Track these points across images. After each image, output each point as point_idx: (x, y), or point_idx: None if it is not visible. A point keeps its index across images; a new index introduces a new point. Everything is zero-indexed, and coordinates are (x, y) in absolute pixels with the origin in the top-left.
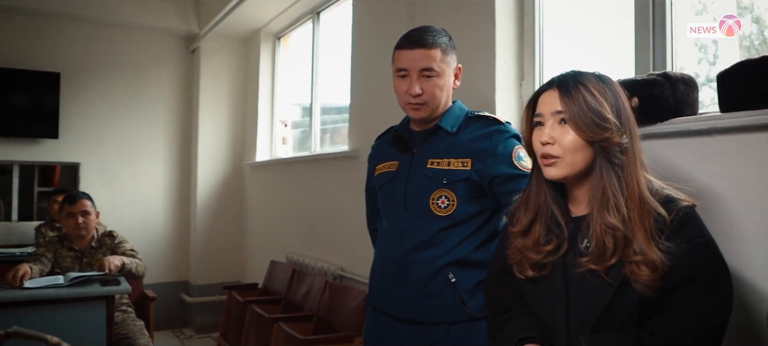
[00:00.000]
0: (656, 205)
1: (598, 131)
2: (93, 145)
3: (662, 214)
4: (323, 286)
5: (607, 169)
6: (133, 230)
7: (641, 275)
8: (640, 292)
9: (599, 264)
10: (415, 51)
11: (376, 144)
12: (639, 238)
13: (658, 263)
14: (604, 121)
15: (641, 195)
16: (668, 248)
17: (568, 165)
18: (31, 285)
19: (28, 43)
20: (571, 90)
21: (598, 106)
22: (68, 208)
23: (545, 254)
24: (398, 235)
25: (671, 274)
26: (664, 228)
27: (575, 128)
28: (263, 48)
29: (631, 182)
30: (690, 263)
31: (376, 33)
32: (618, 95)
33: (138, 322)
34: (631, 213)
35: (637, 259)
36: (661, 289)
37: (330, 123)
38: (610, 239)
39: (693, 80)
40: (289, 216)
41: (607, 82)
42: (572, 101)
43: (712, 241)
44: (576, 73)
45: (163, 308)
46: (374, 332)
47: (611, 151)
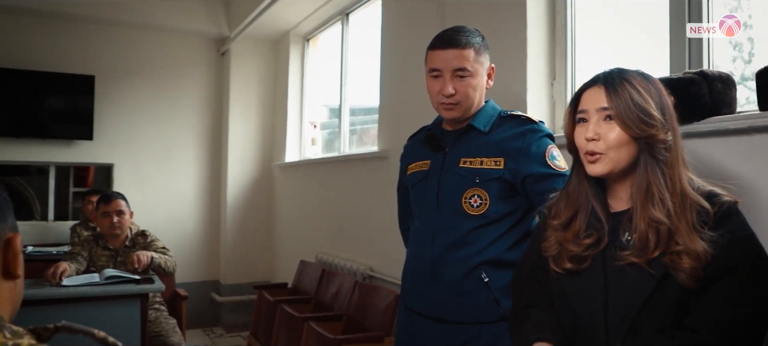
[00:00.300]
0: (699, 198)
1: (644, 128)
2: (126, 146)
3: (705, 206)
4: (353, 286)
5: (652, 164)
6: (165, 230)
7: (683, 264)
8: (682, 282)
9: (641, 257)
10: (448, 51)
11: (408, 143)
12: (682, 230)
13: (701, 252)
14: (649, 118)
15: (684, 190)
16: (711, 237)
17: (612, 161)
18: (69, 283)
19: (63, 47)
20: (617, 87)
21: (644, 103)
22: (104, 207)
23: (585, 247)
24: (431, 234)
25: (714, 263)
26: (707, 220)
27: (621, 124)
28: (293, 50)
29: (674, 179)
30: (733, 253)
31: (405, 33)
32: (661, 93)
33: (170, 320)
34: (675, 208)
35: (680, 249)
36: (703, 279)
37: (358, 124)
38: (653, 233)
39: (731, 78)
40: (318, 216)
41: (651, 79)
42: (618, 98)
43: (753, 235)
44: (620, 70)
45: (193, 306)
46: (406, 331)
47: (656, 148)
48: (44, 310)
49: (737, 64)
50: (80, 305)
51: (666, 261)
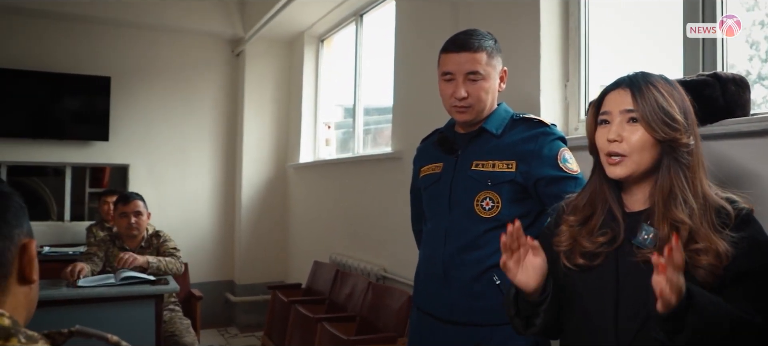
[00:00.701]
0: (720, 200)
1: (668, 131)
2: (141, 147)
3: (727, 207)
4: (366, 286)
5: (675, 168)
6: (180, 230)
7: (702, 261)
8: (700, 279)
9: None
10: (461, 55)
11: (421, 146)
12: (703, 231)
13: (723, 251)
14: (673, 122)
15: (705, 193)
16: (732, 238)
17: (634, 163)
18: (84, 283)
19: (80, 48)
20: (642, 89)
21: (668, 106)
22: (122, 208)
23: (598, 245)
24: (443, 236)
25: (735, 264)
26: (727, 222)
27: (647, 127)
28: (307, 51)
29: (695, 182)
30: (754, 256)
31: (419, 34)
32: (684, 97)
33: (185, 320)
34: (697, 210)
35: (699, 247)
36: (720, 279)
37: (373, 124)
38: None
39: (744, 80)
40: (332, 217)
41: (674, 84)
42: (644, 100)
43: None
44: (645, 73)
45: (208, 306)
46: (418, 332)
47: (679, 151)
48: (60, 310)
49: (754, 62)
50: (96, 305)
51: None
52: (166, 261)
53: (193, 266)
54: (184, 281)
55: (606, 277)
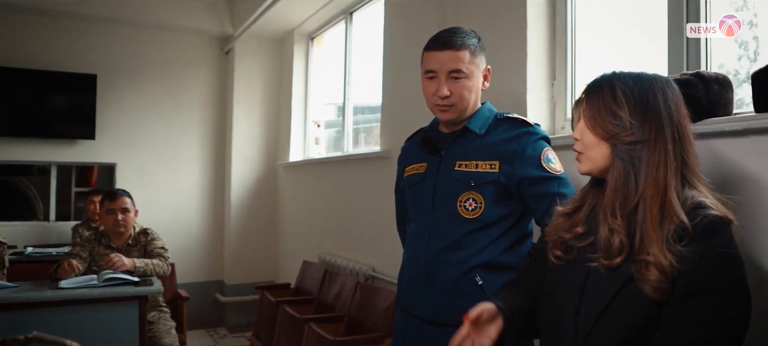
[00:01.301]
0: (679, 210)
1: (607, 128)
2: (129, 145)
3: (684, 220)
4: (354, 286)
5: (618, 167)
6: (168, 230)
7: (649, 275)
8: (647, 293)
9: (606, 260)
10: (443, 53)
11: (405, 146)
12: (652, 239)
13: (666, 266)
14: (617, 120)
15: (665, 198)
16: (682, 252)
17: (588, 160)
18: (67, 285)
19: (65, 46)
20: (594, 91)
21: (614, 105)
22: (108, 204)
23: (574, 236)
24: (426, 236)
25: (684, 279)
26: (684, 235)
27: (589, 125)
28: (297, 49)
29: (653, 182)
30: (705, 272)
31: (407, 33)
32: (651, 92)
33: (169, 322)
34: (646, 214)
35: (649, 259)
36: (671, 294)
37: (363, 122)
38: (615, 237)
39: (727, 80)
40: (321, 216)
41: (644, 79)
42: (592, 102)
43: (737, 257)
44: (610, 74)
45: (197, 307)
46: (402, 333)
47: (624, 149)
48: (42, 312)
49: (743, 62)
50: (78, 307)
51: (632, 270)
52: (153, 264)
53: (182, 267)
54: (170, 281)
55: (577, 272)
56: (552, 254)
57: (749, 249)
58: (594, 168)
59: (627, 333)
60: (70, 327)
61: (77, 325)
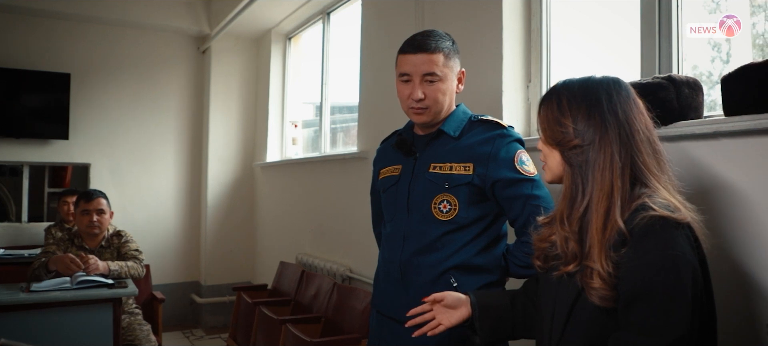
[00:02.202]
0: (618, 216)
1: (555, 136)
2: (103, 145)
3: (621, 227)
4: (331, 287)
5: (567, 173)
6: (144, 231)
7: (592, 283)
8: (594, 302)
9: (563, 269)
10: (417, 56)
11: (381, 147)
12: (594, 245)
13: (604, 274)
14: (561, 126)
15: (610, 202)
16: (618, 258)
17: (548, 169)
18: (38, 288)
19: (38, 44)
20: (543, 103)
21: (559, 113)
22: (84, 205)
23: (550, 245)
24: (401, 238)
25: (625, 285)
26: (624, 240)
27: (541, 136)
28: (274, 48)
29: (600, 185)
30: (642, 276)
31: (384, 34)
32: (594, 96)
33: (145, 326)
34: (594, 217)
35: (593, 266)
36: (615, 300)
37: (341, 122)
38: (569, 243)
39: (698, 83)
40: (299, 217)
41: (589, 84)
42: (541, 113)
43: (676, 258)
44: (558, 85)
45: (173, 308)
46: (378, 334)
47: (571, 154)
48: (14, 316)
49: (716, 64)
50: (51, 310)
51: (578, 278)
52: (128, 266)
53: (157, 268)
54: (145, 283)
55: (552, 283)
56: (534, 263)
57: (720, 250)
58: (554, 176)
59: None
60: (43, 331)
61: (50, 328)
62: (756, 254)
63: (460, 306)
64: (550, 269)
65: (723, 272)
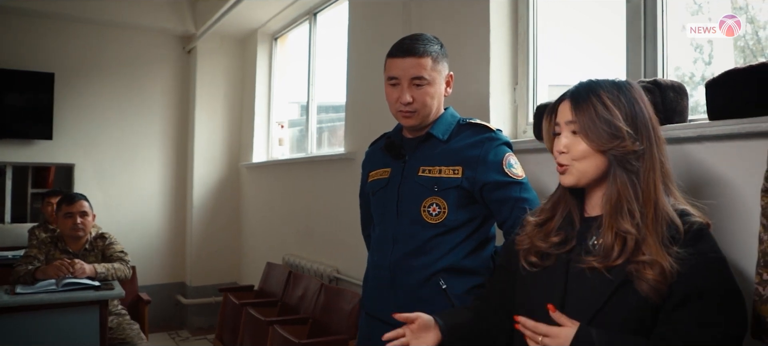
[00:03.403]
0: (672, 213)
1: (609, 140)
2: (87, 146)
3: (677, 222)
4: (319, 288)
5: (621, 176)
6: (129, 232)
7: (647, 274)
8: (644, 292)
9: (603, 263)
10: (405, 59)
11: (369, 150)
12: (650, 242)
13: (667, 267)
14: (615, 131)
15: (657, 201)
16: (679, 254)
17: (578, 172)
18: (23, 290)
19: (21, 43)
20: (581, 101)
21: (609, 115)
22: (66, 208)
23: (551, 245)
24: (390, 241)
25: (680, 282)
26: (677, 237)
27: (585, 139)
28: (260, 49)
29: (647, 188)
30: (702, 275)
31: (371, 36)
32: (635, 102)
33: (134, 326)
34: (645, 219)
35: (645, 259)
36: (666, 296)
37: (327, 122)
38: (620, 243)
39: (683, 87)
40: (285, 218)
41: (624, 88)
42: (582, 112)
43: (726, 260)
44: (590, 83)
45: (158, 309)
46: (368, 336)
47: (625, 159)
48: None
49: (698, 65)
50: (37, 313)
51: (631, 269)
52: (114, 268)
53: (143, 269)
54: (131, 284)
55: (555, 278)
56: (525, 262)
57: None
58: (582, 179)
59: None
60: (29, 334)
61: (36, 331)
62: (738, 257)
63: (430, 330)
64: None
65: None
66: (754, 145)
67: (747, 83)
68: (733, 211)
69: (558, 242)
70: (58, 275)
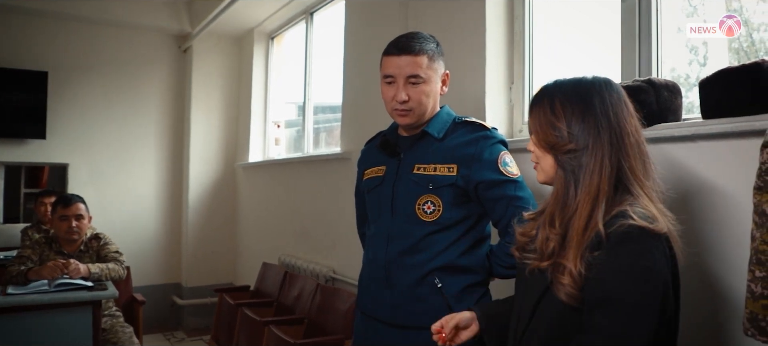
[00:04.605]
0: (599, 219)
1: (549, 140)
2: (82, 145)
3: (600, 230)
4: (315, 288)
5: (560, 176)
6: (124, 232)
7: (562, 279)
8: (561, 298)
9: (535, 263)
10: (401, 58)
11: (365, 149)
12: (571, 244)
13: (576, 274)
14: (554, 130)
15: (595, 203)
16: (591, 260)
17: (542, 170)
18: (15, 291)
19: (14, 41)
20: (534, 105)
21: (553, 116)
22: (62, 210)
23: (529, 240)
24: (385, 239)
25: (592, 288)
26: (600, 241)
27: (533, 138)
28: (257, 48)
29: (587, 189)
30: (609, 282)
31: (368, 35)
32: (588, 99)
33: (127, 328)
34: (577, 220)
35: (563, 263)
36: (581, 301)
37: (324, 122)
38: (547, 244)
39: (677, 86)
40: (281, 218)
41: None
42: (533, 115)
43: (647, 269)
44: (550, 86)
45: (153, 310)
46: (363, 335)
47: (564, 159)
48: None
49: (693, 66)
50: (29, 313)
51: (548, 272)
52: (109, 268)
53: (138, 269)
54: (126, 285)
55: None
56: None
57: (695, 251)
58: (548, 178)
59: (548, 335)
60: (21, 335)
61: (28, 332)
62: (731, 256)
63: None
64: (524, 262)
65: (698, 274)
66: (747, 144)
67: (740, 82)
68: (726, 209)
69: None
70: (51, 276)
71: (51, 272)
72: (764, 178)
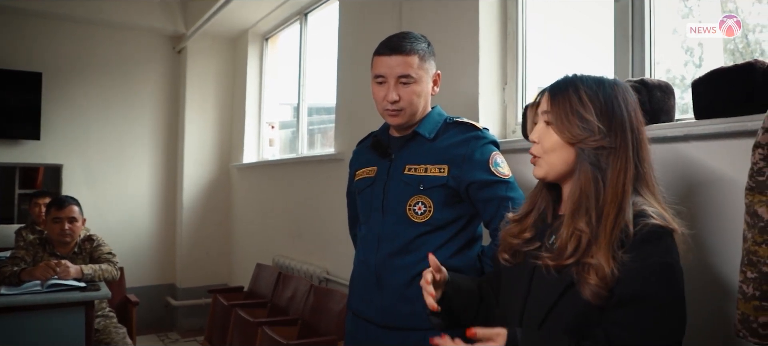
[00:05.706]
0: (629, 218)
1: (578, 133)
2: (76, 146)
3: (628, 225)
4: (308, 289)
5: (585, 171)
6: (118, 233)
7: (590, 279)
8: (587, 297)
9: (555, 261)
10: (392, 57)
11: (357, 149)
12: (601, 244)
13: (607, 273)
14: (586, 124)
15: (622, 204)
16: (622, 259)
17: (547, 164)
18: (7, 291)
19: (7, 41)
20: (558, 93)
21: (583, 109)
22: (55, 212)
23: (522, 242)
24: (376, 240)
25: (621, 286)
26: (626, 240)
27: (556, 130)
28: (251, 49)
29: (613, 189)
30: (641, 280)
31: (362, 36)
32: (614, 98)
33: (121, 329)
34: (605, 219)
35: (592, 262)
36: (609, 300)
37: (318, 123)
38: (574, 241)
39: (669, 87)
40: (275, 219)
41: (606, 84)
42: (558, 104)
43: (672, 266)
44: (572, 77)
45: (147, 311)
46: (354, 336)
47: (593, 155)
48: None
49: (689, 68)
50: (21, 314)
51: (573, 271)
52: (102, 269)
53: (132, 270)
54: (119, 286)
55: (522, 276)
56: (501, 257)
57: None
58: (551, 172)
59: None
60: (13, 335)
61: (21, 333)
62: (725, 255)
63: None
64: (518, 265)
65: (694, 274)
66: (740, 144)
67: (732, 82)
68: (719, 209)
69: (528, 239)
70: (43, 277)
71: (43, 273)
72: (756, 178)
